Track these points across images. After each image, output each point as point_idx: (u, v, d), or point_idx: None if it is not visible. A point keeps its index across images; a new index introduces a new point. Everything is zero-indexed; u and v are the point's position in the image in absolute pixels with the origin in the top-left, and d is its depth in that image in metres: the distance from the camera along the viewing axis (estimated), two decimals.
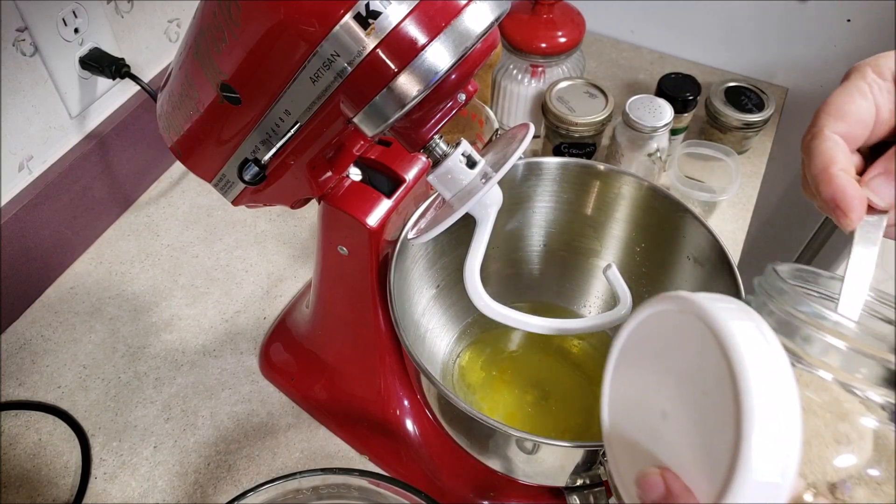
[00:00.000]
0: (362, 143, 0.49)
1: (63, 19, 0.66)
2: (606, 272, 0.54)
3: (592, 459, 0.46)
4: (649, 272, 0.60)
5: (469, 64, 0.37)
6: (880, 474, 0.25)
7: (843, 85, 0.35)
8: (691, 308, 0.25)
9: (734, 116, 0.82)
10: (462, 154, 0.43)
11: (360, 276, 0.53)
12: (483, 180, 0.42)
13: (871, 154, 0.35)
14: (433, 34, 0.34)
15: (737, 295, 0.51)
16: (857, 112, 0.34)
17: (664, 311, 0.27)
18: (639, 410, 0.28)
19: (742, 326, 0.23)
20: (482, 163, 0.43)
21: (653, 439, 0.27)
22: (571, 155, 0.79)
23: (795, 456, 0.22)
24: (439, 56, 0.34)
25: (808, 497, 0.24)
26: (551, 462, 0.49)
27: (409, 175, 0.52)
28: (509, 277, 0.67)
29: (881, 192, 0.33)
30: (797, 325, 0.27)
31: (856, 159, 0.35)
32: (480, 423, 0.46)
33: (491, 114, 0.68)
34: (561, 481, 0.50)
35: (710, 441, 0.23)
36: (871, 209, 0.33)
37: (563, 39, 0.80)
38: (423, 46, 0.34)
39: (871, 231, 0.33)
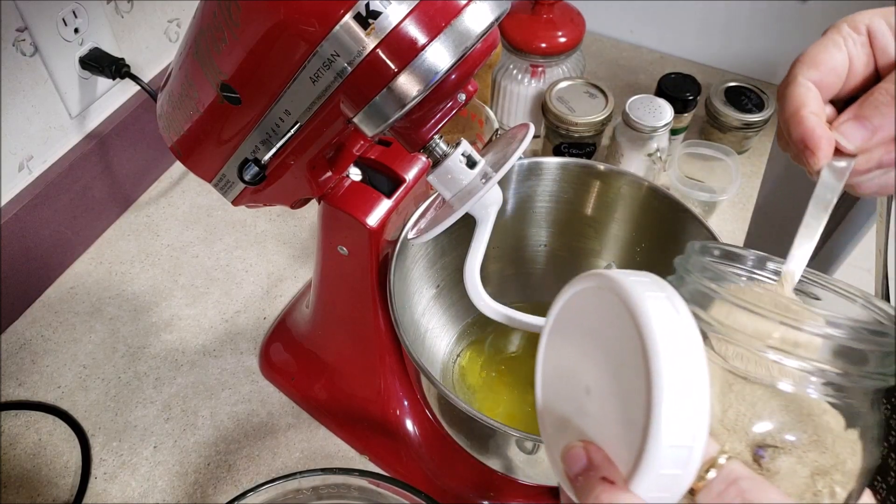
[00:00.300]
0: (362, 143, 0.49)
1: (63, 19, 0.66)
2: None
3: None
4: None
5: (469, 64, 0.37)
6: (796, 439, 0.26)
7: (819, 39, 0.36)
8: (608, 284, 0.26)
9: (734, 116, 0.82)
10: (462, 154, 0.43)
11: (360, 276, 0.53)
12: (483, 180, 0.42)
13: (844, 107, 0.36)
14: (433, 34, 0.34)
15: None
16: (831, 61, 0.35)
17: (586, 289, 0.28)
18: (566, 386, 0.29)
19: (653, 297, 0.24)
20: (482, 163, 0.43)
21: (579, 414, 0.28)
22: (571, 155, 0.79)
23: (704, 419, 0.23)
24: (439, 56, 0.34)
25: (721, 460, 0.24)
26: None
27: (409, 175, 0.52)
28: (509, 277, 0.67)
29: (850, 136, 0.34)
30: (713, 297, 0.28)
31: (829, 110, 0.36)
32: (480, 423, 0.46)
33: (491, 114, 0.68)
34: None
35: (628, 412, 0.24)
36: (840, 154, 0.34)
37: (563, 39, 0.80)
38: (423, 46, 0.34)
39: (835, 176, 0.34)
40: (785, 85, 0.36)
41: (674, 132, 0.83)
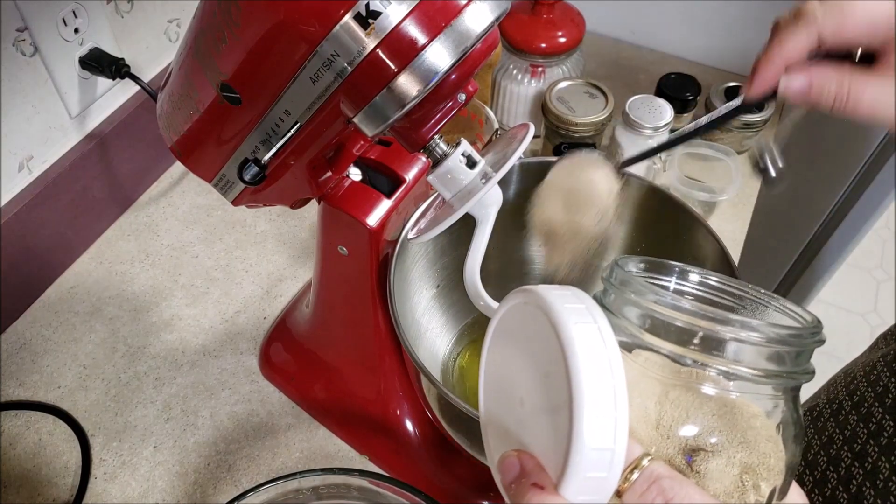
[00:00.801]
0: (362, 143, 0.49)
1: (63, 19, 0.66)
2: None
3: None
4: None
5: (469, 64, 0.37)
6: (724, 440, 0.27)
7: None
8: (533, 299, 0.27)
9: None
10: (462, 154, 0.43)
11: (360, 276, 0.53)
12: (483, 180, 0.42)
13: None
14: (433, 34, 0.34)
15: None
16: (854, 26, 0.37)
17: (516, 305, 0.29)
18: (504, 398, 0.30)
19: (573, 309, 0.26)
20: (482, 163, 0.43)
21: (515, 424, 0.29)
22: None
23: (624, 423, 0.24)
24: (439, 56, 0.34)
25: (644, 462, 0.25)
26: None
27: (409, 175, 0.52)
28: (509, 277, 0.67)
29: (790, 81, 0.39)
30: (636, 309, 0.29)
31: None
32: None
33: (491, 114, 0.68)
34: None
35: (555, 420, 0.25)
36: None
37: (563, 39, 0.80)
38: (423, 46, 0.34)
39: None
40: (797, 16, 0.38)
41: (674, 132, 0.83)
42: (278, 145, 0.40)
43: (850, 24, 0.37)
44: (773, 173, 0.45)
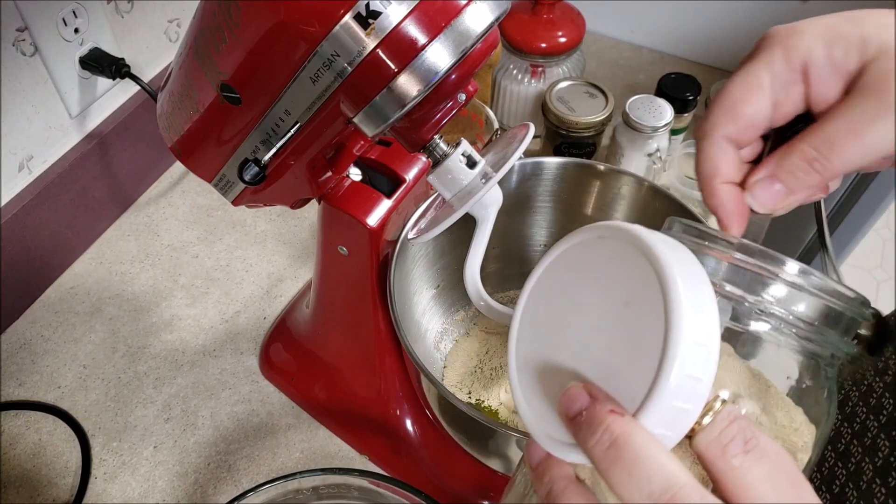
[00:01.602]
0: (362, 143, 0.49)
1: (63, 19, 0.66)
2: None
3: None
4: None
5: (469, 64, 0.37)
6: (753, 408, 0.28)
7: (745, 68, 0.33)
8: (613, 233, 0.27)
9: None
10: (462, 154, 0.43)
11: (360, 276, 0.53)
12: (483, 180, 0.42)
13: (775, 134, 0.34)
14: (433, 34, 0.34)
15: None
16: (750, 112, 0.32)
17: (585, 240, 0.28)
18: (554, 336, 0.29)
19: (661, 238, 0.26)
20: (482, 163, 0.43)
21: (571, 361, 0.27)
22: (571, 155, 0.79)
23: (715, 354, 0.24)
24: (439, 56, 0.34)
25: (717, 405, 0.25)
26: None
27: (409, 175, 0.52)
28: (509, 277, 0.67)
29: (761, 199, 0.33)
30: (700, 254, 0.29)
31: (753, 149, 0.34)
32: (480, 423, 0.46)
33: (491, 114, 0.68)
34: None
35: (635, 350, 0.24)
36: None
37: (563, 39, 0.80)
38: (423, 46, 0.34)
39: (757, 221, 0.34)
40: (702, 135, 0.34)
41: (674, 132, 0.83)
42: (278, 145, 0.40)
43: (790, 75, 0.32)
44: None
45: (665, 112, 0.73)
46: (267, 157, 0.41)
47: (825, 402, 0.29)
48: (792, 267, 0.27)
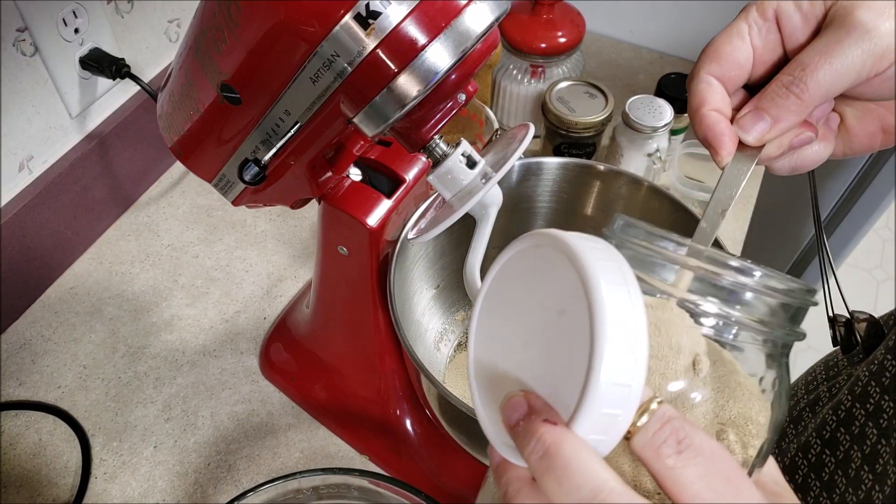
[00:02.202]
0: (362, 143, 0.49)
1: (63, 19, 0.66)
2: None
3: None
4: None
5: (469, 64, 0.37)
6: (707, 393, 0.28)
7: (727, 26, 0.36)
8: (548, 241, 0.27)
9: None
10: (462, 154, 0.43)
11: (360, 276, 0.53)
12: (483, 180, 0.42)
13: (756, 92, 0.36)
14: (433, 34, 0.34)
15: None
16: (734, 54, 0.35)
17: (525, 248, 0.29)
18: (501, 344, 0.30)
19: (589, 245, 0.26)
20: (482, 163, 0.43)
21: (516, 369, 0.28)
22: (571, 155, 0.79)
23: (643, 358, 0.24)
24: (439, 56, 0.34)
25: (654, 405, 0.25)
26: None
27: (409, 175, 0.52)
28: None
29: (749, 129, 0.35)
30: (642, 255, 0.30)
31: (739, 97, 0.37)
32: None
33: (491, 114, 0.68)
34: None
35: (570, 358, 0.25)
36: (745, 146, 0.35)
37: (563, 39, 0.80)
38: (423, 47, 0.34)
39: (743, 164, 0.35)
40: (690, 79, 0.37)
41: (674, 132, 0.83)
42: (278, 145, 0.40)
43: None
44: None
45: (665, 112, 0.73)
46: (267, 157, 0.41)
47: (778, 387, 0.30)
48: (738, 266, 0.28)
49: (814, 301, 0.29)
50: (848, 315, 0.54)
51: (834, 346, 0.56)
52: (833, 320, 0.55)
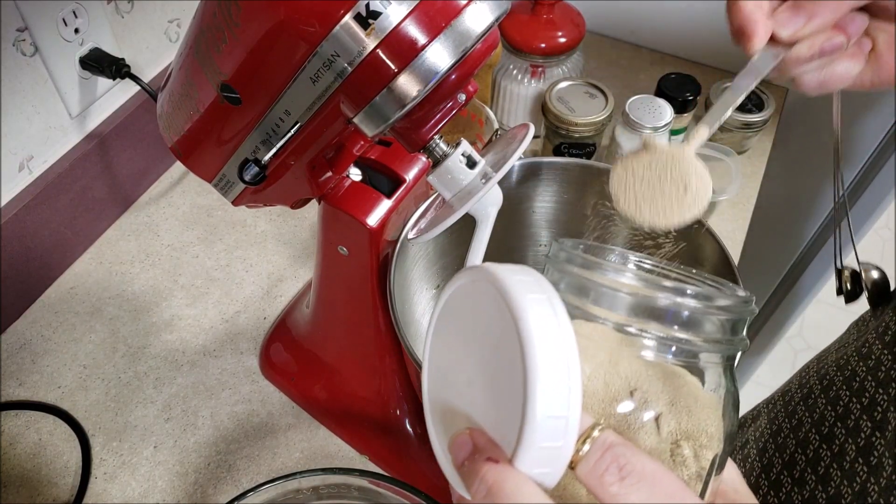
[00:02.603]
0: (362, 143, 0.49)
1: (63, 19, 0.66)
2: None
3: None
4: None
5: (469, 64, 0.37)
6: (659, 409, 0.28)
7: None
8: (482, 275, 0.27)
9: (734, 116, 0.82)
10: (462, 154, 0.43)
11: (360, 276, 0.53)
12: (483, 180, 0.42)
13: None
14: (433, 34, 0.34)
15: None
16: None
17: (463, 284, 0.29)
18: (450, 381, 0.30)
19: (519, 279, 0.26)
20: (482, 163, 0.43)
21: (464, 405, 0.28)
22: (571, 155, 0.79)
23: (577, 389, 0.24)
24: (439, 56, 0.34)
25: (595, 432, 0.26)
26: None
27: (409, 175, 0.52)
28: None
29: (785, 23, 0.36)
30: (577, 280, 0.30)
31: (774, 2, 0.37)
32: None
33: (491, 114, 0.68)
34: None
35: (508, 394, 0.25)
36: (776, 43, 0.36)
37: (563, 39, 0.80)
38: (423, 47, 0.34)
39: (764, 61, 0.37)
40: None
41: (674, 132, 0.83)
42: (278, 145, 0.40)
43: None
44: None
45: (665, 112, 0.73)
46: (267, 157, 0.41)
47: (725, 398, 0.30)
48: (673, 287, 0.28)
49: (752, 310, 0.29)
50: (857, 265, 0.54)
51: (837, 295, 0.55)
52: (840, 271, 0.55)
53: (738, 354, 0.30)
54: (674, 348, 0.28)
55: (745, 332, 0.30)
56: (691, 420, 0.28)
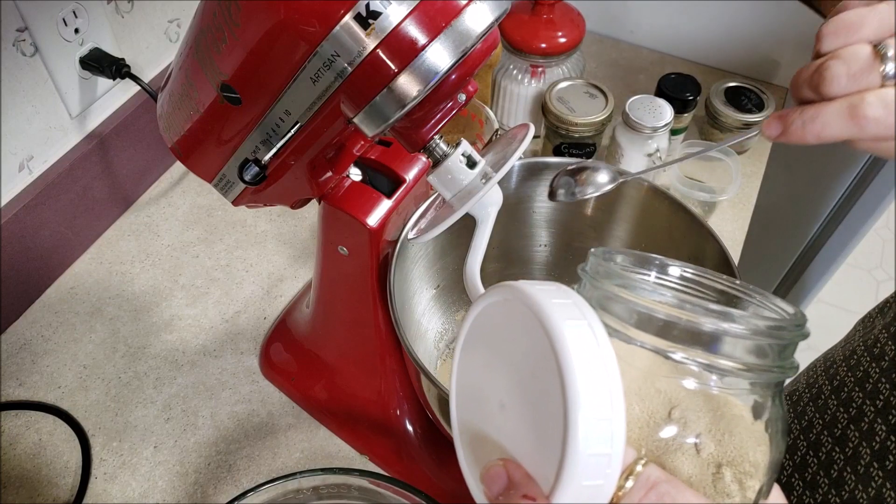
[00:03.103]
0: (362, 143, 0.49)
1: (63, 19, 0.66)
2: None
3: None
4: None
5: (469, 64, 0.37)
6: (703, 438, 0.26)
7: None
8: (517, 295, 0.26)
9: (734, 116, 0.82)
10: (462, 154, 0.43)
11: (360, 276, 0.53)
12: (483, 180, 0.42)
13: None
14: (433, 34, 0.34)
15: None
16: None
17: (495, 302, 0.27)
18: (480, 403, 0.28)
19: (558, 303, 0.24)
20: (482, 163, 0.43)
21: (496, 431, 0.27)
22: (571, 155, 0.79)
23: (621, 424, 0.23)
24: (439, 56, 0.34)
25: (639, 467, 0.24)
26: None
27: (409, 175, 0.52)
28: (509, 277, 0.67)
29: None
30: (617, 302, 0.28)
31: None
32: None
33: (491, 114, 0.68)
34: None
35: (544, 425, 0.24)
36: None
37: (563, 39, 0.80)
38: (424, 47, 0.34)
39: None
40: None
41: (674, 132, 0.83)
42: (279, 145, 0.40)
43: None
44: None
45: (665, 112, 0.73)
46: (267, 157, 0.41)
47: (773, 427, 0.28)
48: (719, 311, 0.26)
49: (804, 334, 0.28)
50: None
51: None
52: None
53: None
54: (716, 376, 0.27)
55: (794, 356, 0.28)
56: (733, 443, 0.27)
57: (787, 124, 0.37)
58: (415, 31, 0.34)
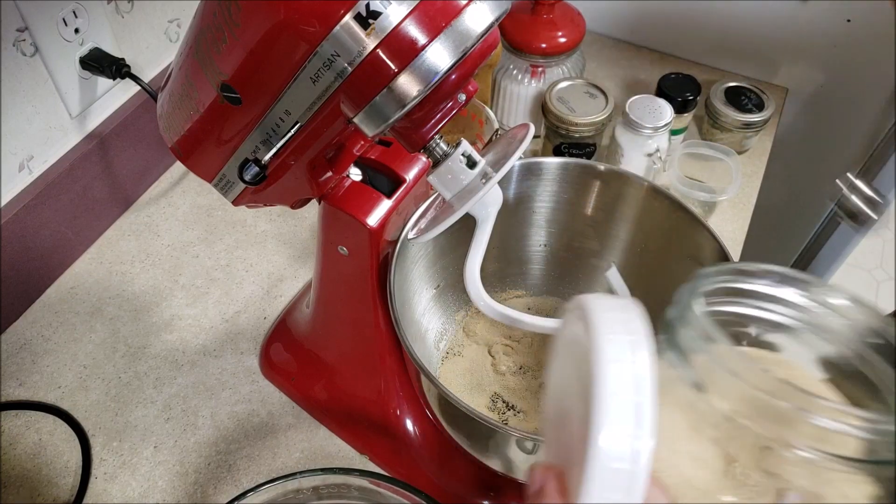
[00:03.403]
0: (362, 143, 0.49)
1: (63, 19, 0.66)
2: (607, 273, 0.54)
3: None
4: (649, 272, 0.60)
5: (469, 64, 0.37)
6: (799, 499, 0.25)
7: None
8: (577, 304, 0.27)
9: (734, 116, 0.82)
10: (462, 154, 0.43)
11: (360, 276, 0.53)
12: (483, 180, 0.42)
13: None
14: (433, 34, 0.34)
15: None
16: None
17: (571, 313, 0.29)
18: (556, 408, 0.30)
19: (610, 318, 0.24)
20: (482, 163, 0.43)
21: (560, 434, 0.29)
22: (571, 155, 0.79)
23: (647, 441, 0.23)
24: (439, 56, 0.34)
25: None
26: None
27: (409, 175, 0.52)
28: (509, 277, 0.67)
29: None
30: (695, 349, 0.27)
31: None
32: (481, 422, 0.46)
33: (491, 114, 0.68)
34: None
35: (580, 446, 0.24)
36: None
37: (563, 39, 0.80)
38: (424, 47, 0.34)
39: None
40: None
41: (674, 132, 0.83)
42: (279, 145, 0.40)
43: None
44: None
45: (665, 112, 0.73)
46: (267, 157, 0.41)
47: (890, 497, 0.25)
48: (867, 419, 0.23)
49: None
50: None
51: None
52: None
53: None
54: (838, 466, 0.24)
55: None
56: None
57: None
58: (415, 31, 0.34)
